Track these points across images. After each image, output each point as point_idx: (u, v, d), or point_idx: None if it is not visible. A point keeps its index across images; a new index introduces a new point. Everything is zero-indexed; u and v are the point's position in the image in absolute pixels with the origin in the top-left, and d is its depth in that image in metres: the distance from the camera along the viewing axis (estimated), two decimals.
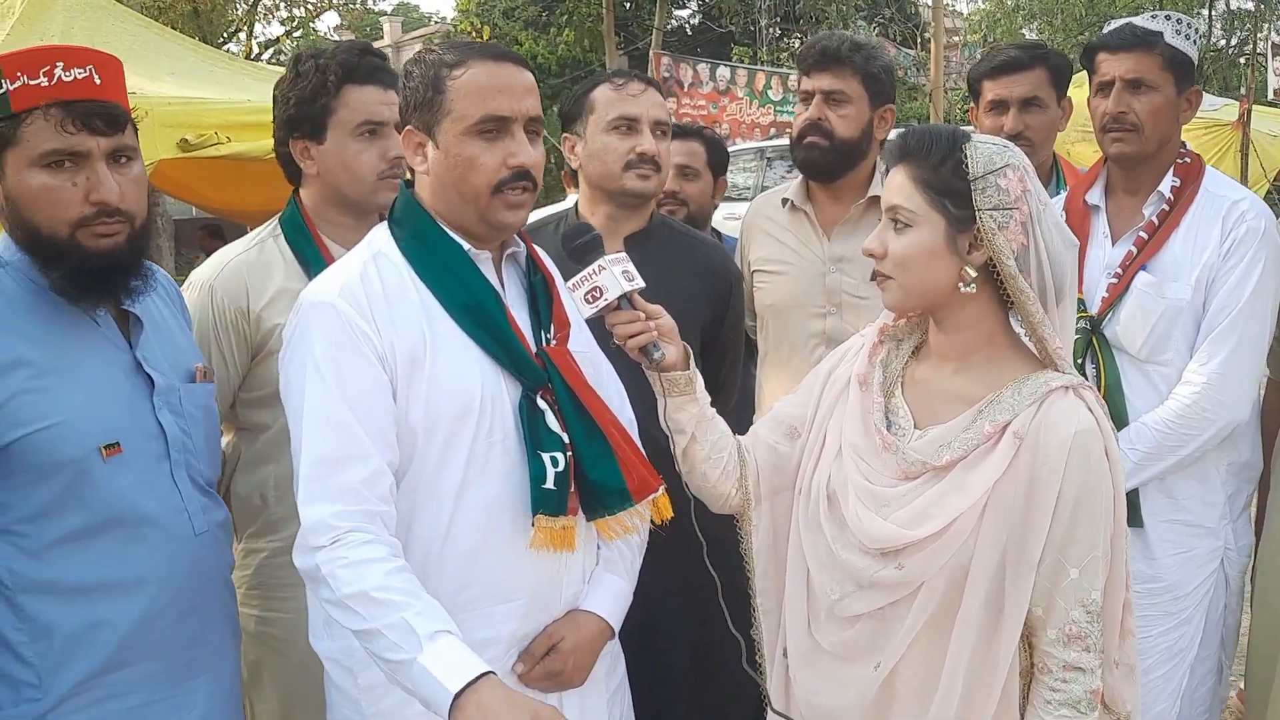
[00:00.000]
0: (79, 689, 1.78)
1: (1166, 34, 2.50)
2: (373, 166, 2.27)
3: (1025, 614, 1.67)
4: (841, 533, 1.78)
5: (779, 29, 24.15)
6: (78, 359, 1.82)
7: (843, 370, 1.91)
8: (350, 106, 2.26)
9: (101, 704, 1.80)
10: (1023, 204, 1.67)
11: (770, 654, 1.97)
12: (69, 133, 1.75)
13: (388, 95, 2.28)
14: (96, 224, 1.79)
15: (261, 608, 2.27)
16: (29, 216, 1.78)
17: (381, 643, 1.59)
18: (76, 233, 1.78)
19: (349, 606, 1.62)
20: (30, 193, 1.76)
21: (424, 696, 1.57)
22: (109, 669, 1.80)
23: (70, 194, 1.77)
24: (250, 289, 2.25)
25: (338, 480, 1.67)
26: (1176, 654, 2.51)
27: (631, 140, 2.44)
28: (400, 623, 1.58)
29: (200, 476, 1.95)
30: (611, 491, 1.81)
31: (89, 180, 1.78)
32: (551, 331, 1.90)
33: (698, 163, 3.26)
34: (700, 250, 2.61)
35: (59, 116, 1.74)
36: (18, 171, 1.76)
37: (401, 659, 1.57)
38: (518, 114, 1.79)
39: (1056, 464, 1.64)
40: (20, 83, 1.73)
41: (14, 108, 1.74)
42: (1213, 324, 2.44)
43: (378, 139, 2.27)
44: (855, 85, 2.68)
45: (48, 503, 1.76)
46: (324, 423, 1.70)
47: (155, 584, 1.83)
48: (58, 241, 1.78)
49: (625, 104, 2.45)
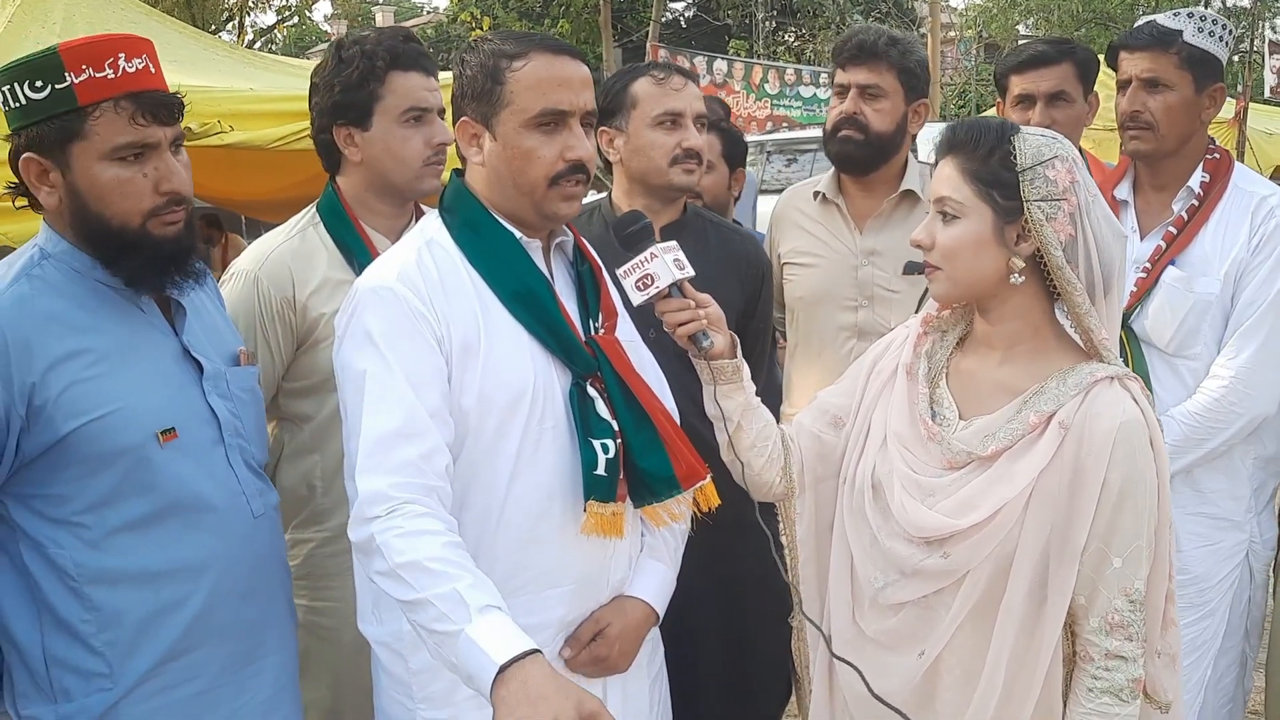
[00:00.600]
0: (149, 676, 1.78)
1: (1187, 32, 2.51)
2: (419, 153, 2.27)
3: (1068, 602, 1.68)
4: (886, 522, 1.79)
5: (775, 22, 24.17)
6: (129, 347, 1.82)
7: (888, 361, 1.92)
8: (397, 93, 2.24)
9: (170, 690, 1.80)
10: (1071, 195, 1.69)
11: (813, 640, 1.99)
12: (140, 125, 1.75)
13: (430, 81, 2.29)
14: (166, 213, 1.80)
15: (310, 597, 2.26)
16: (99, 210, 1.77)
17: (430, 613, 1.56)
18: (148, 223, 1.78)
19: (400, 576, 1.60)
20: (102, 186, 1.75)
21: (468, 670, 1.53)
22: (177, 654, 1.81)
23: (142, 185, 1.77)
24: (295, 278, 2.24)
25: (397, 455, 1.67)
26: (1201, 645, 2.54)
27: (677, 135, 2.45)
28: (451, 593, 1.56)
29: (253, 459, 1.96)
30: (660, 479, 1.82)
31: (158, 170, 1.78)
32: (600, 320, 1.91)
33: (712, 154, 3.22)
34: (734, 241, 2.62)
35: (130, 109, 1.74)
36: (88, 165, 1.75)
37: (449, 630, 1.54)
38: (576, 108, 1.80)
39: (1101, 454, 1.65)
40: (86, 75, 1.72)
41: (80, 100, 1.72)
42: (1241, 319, 2.47)
43: (423, 125, 2.27)
44: (891, 79, 2.69)
45: (107, 491, 1.76)
46: (383, 400, 1.70)
47: (218, 568, 1.84)
48: (129, 233, 1.77)
49: (670, 99, 2.45)
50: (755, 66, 17.07)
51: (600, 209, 2.60)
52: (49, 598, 1.75)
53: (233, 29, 19.32)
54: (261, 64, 6.12)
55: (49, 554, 1.75)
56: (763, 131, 14.60)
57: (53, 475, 1.75)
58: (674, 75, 2.48)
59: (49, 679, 1.76)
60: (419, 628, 1.62)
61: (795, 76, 15.11)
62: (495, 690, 1.49)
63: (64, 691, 1.76)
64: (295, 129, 4.57)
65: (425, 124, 2.27)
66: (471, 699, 1.77)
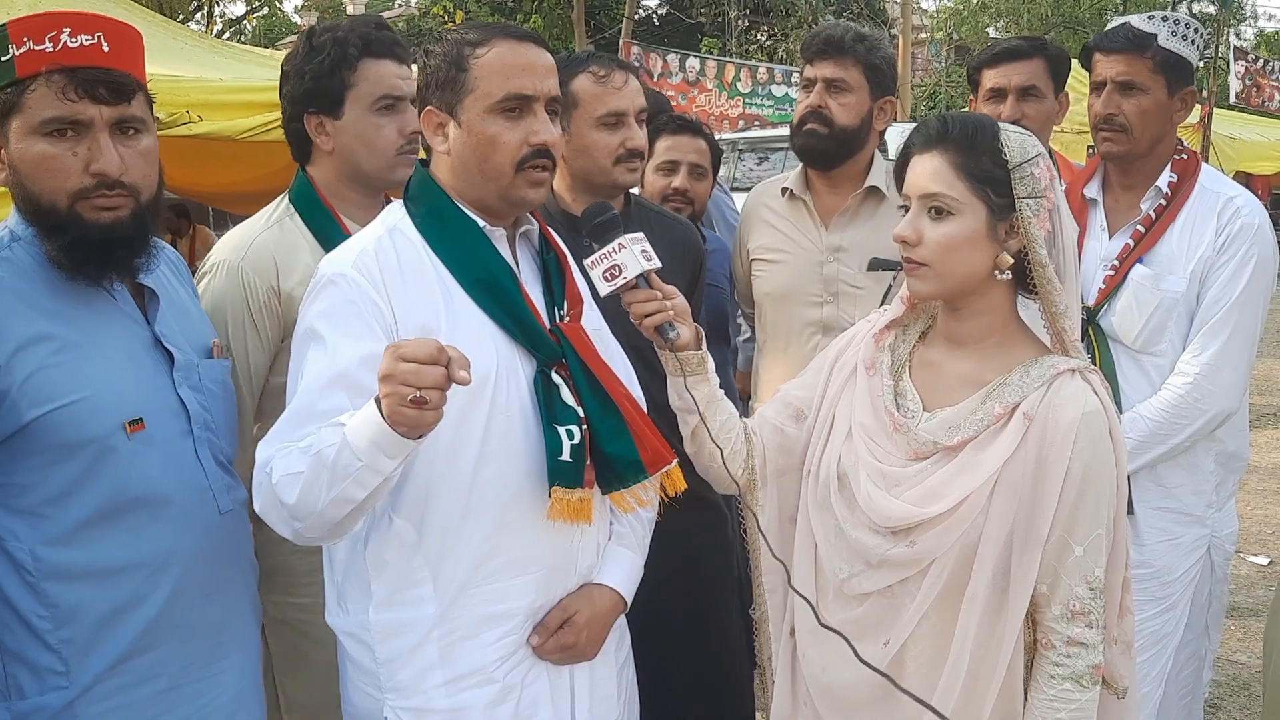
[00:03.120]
0: (107, 674, 1.74)
1: (1161, 36, 2.54)
2: (392, 141, 2.25)
3: (1031, 591, 1.70)
4: (852, 512, 1.80)
5: (748, 21, 24.23)
6: (98, 334, 1.77)
7: (851, 354, 1.94)
8: (370, 80, 2.22)
9: (130, 689, 1.76)
10: (1050, 192, 1.71)
11: (776, 633, 2.00)
12: (71, 100, 1.69)
13: (403, 69, 2.26)
14: (96, 196, 1.72)
15: (287, 593, 2.24)
16: (29, 186, 1.72)
17: (322, 461, 1.57)
18: (76, 204, 1.72)
19: (290, 471, 1.61)
20: (30, 161, 1.71)
21: (367, 440, 1.54)
22: (137, 653, 1.76)
23: (70, 164, 1.71)
24: (280, 267, 2.20)
25: (300, 432, 1.68)
26: (1162, 638, 2.57)
27: (621, 134, 2.43)
28: (323, 433, 1.60)
29: (222, 454, 1.91)
30: (627, 464, 1.82)
31: (90, 150, 1.71)
32: (565, 308, 1.91)
33: (706, 161, 3.20)
34: (675, 229, 2.63)
35: (61, 83, 1.68)
36: (20, 139, 1.71)
37: (338, 448, 1.56)
38: (540, 93, 1.80)
39: (1064, 444, 1.68)
40: (25, 48, 1.68)
41: (18, 73, 1.68)
42: (1206, 317, 2.49)
43: (396, 113, 2.25)
44: (857, 75, 2.70)
45: (70, 482, 1.71)
46: (307, 381, 1.71)
47: (181, 565, 1.79)
48: (57, 212, 1.72)
49: (613, 99, 2.43)
50: (728, 65, 17.08)
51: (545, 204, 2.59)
52: (5, 592, 1.71)
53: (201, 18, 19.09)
54: (231, 54, 6.07)
55: (7, 547, 1.70)
56: (735, 130, 14.62)
57: (14, 464, 1.69)
58: (615, 72, 2.45)
59: (3, 676, 1.72)
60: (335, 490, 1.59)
61: (768, 75, 15.14)
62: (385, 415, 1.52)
63: (18, 689, 1.72)
64: (265, 120, 4.53)
65: (398, 112, 2.25)
66: (441, 686, 1.78)
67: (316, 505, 1.61)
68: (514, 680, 1.83)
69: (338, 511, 1.62)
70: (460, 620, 1.79)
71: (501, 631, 1.82)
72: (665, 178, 2.98)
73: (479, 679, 1.80)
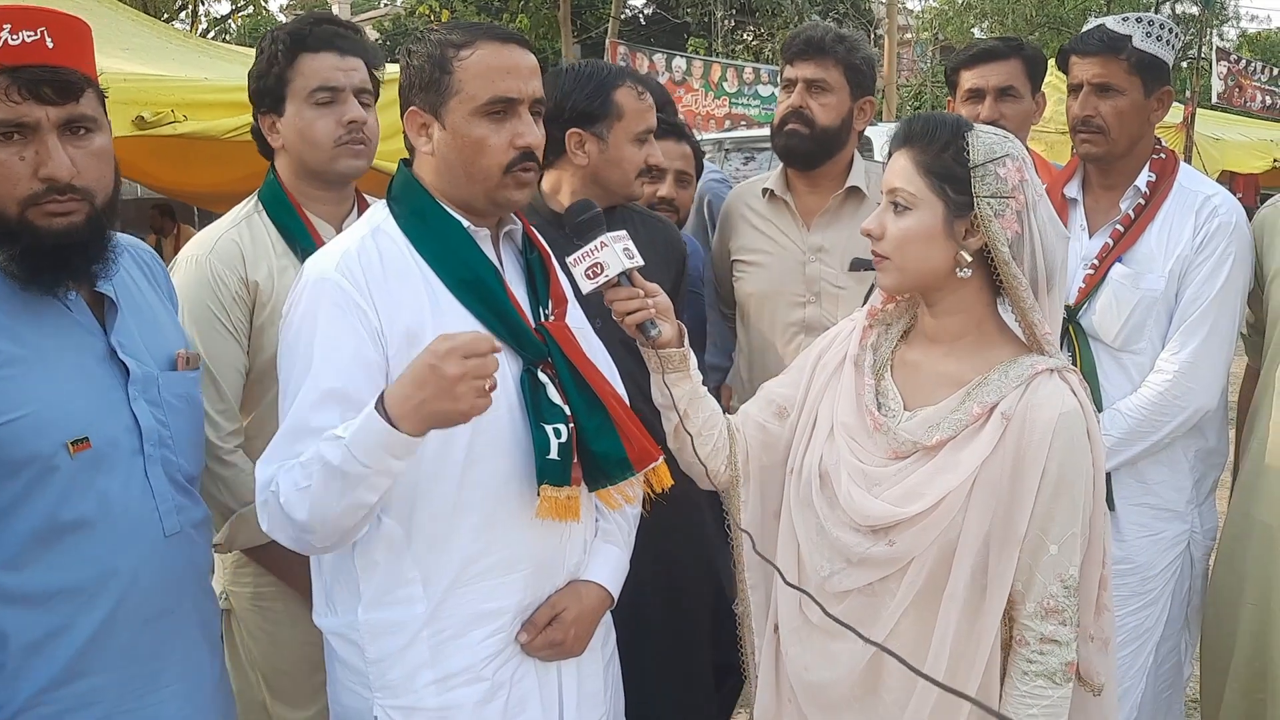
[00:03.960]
0: (36, 700, 1.64)
1: (1136, 37, 2.56)
2: (329, 132, 2.24)
3: (1009, 589, 1.72)
4: (833, 511, 1.82)
5: (734, 21, 24.25)
6: (45, 347, 1.67)
7: (834, 353, 1.95)
8: (305, 74, 2.24)
9: (62, 717, 1.66)
10: (1019, 193, 1.72)
11: (759, 628, 2.01)
12: (14, 102, 1.58)
13: (346, 61, 2.26)
14: (47, 202, 1.62)
15: (256, 581, 2.27)
16: None
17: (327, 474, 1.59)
18: (26, 211, 1.61)
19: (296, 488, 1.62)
20: None
21: (375, 446, 1.57)
22: (68, 679, 1.66)
23: (17, 169, 1.60)
24: (247, 260, 2.23)
25: (297, 449, 1.69)
26: (1143, 633, 2.60)
27: (646, 150, 2.46)
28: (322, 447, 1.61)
29: (179, 472, 1.80)
30: (613, 461, 1.84)
31: (38, 154, 1.61)
32: (549, 307, 1.92)
33: (691, 168, 3.17)
34: (657, 228, 2.64)
35: (3, 84, 1.57)
36: None
37: (341, 458, 1.58)
38: (524, 95, 1.81)
39: (1042, 444, 1.69)
40: None
41: None
42: (1185, 314, 2.52)
43: (334, 105, 2.25)
44: (837, 75, 2.72)
45: (8, 503, 1.61)
46: (302, 395, 1.71)
47: (119, 588, 1.69)
48: (7, 221, 1.61)
49: (649, 116, 2.45)
50: (714, 65, 17.07)
51: (532, 202, 2.59)
52: None
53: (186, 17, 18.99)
54: (216, 53, 6.04)
55: None
56: (721, 129, 14.63)
57: None
58: (647, 91, 2.47)
59: None
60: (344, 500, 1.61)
61: (754, 75, 15.14)
62: (394, 416, 1.56)
63: None
64: (249, 119, 4.51)
65: (338, 103, 2.25)
66: (431, 685, 1.79)
67: (329, 515, 1.63)
68: (503, 678, 1.84)
69: (350, 519, 1.64)
70: (450, 619, 1.80)
71: (491, 629, 1.83)
72: (652, 184, 2.96)
73: (468, 677, 1.81)
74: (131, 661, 1.73)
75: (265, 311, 2.22)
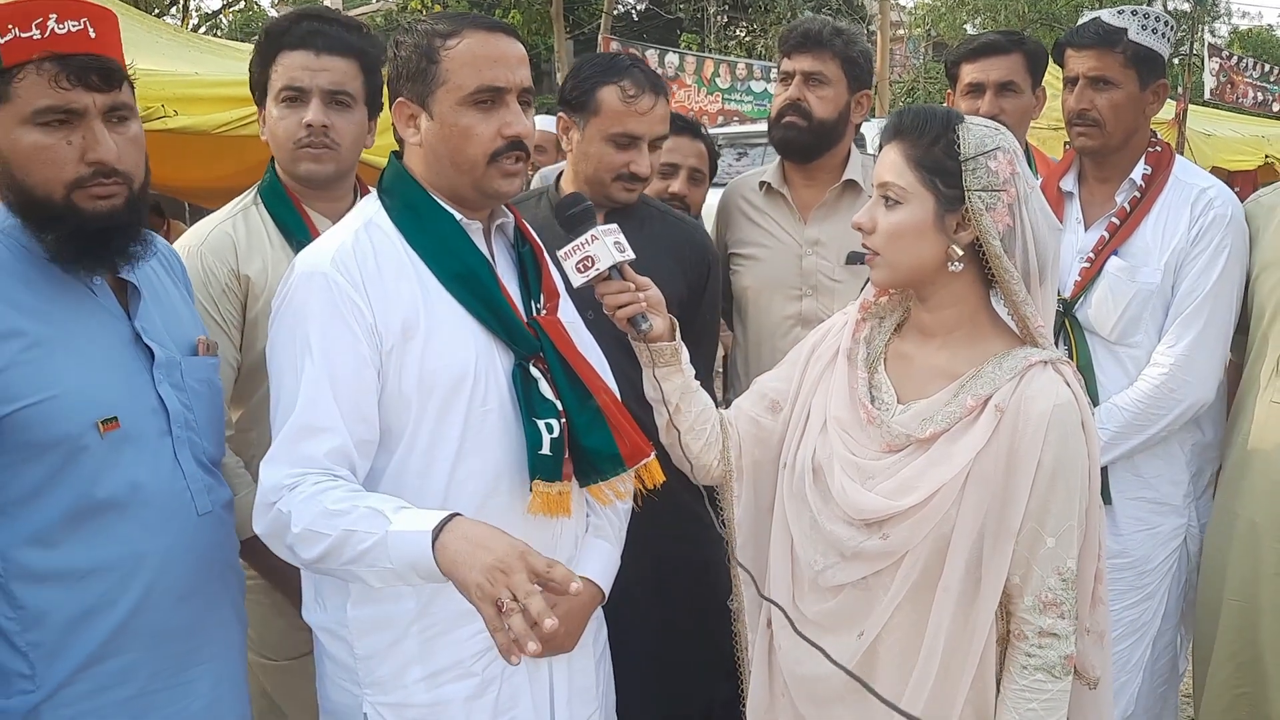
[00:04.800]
0: (73, 678, 1.69)
1: (1131, 30, 2.56)
2: (289, 133, 2.21)
3: (1003, 582, 1.71)
4: (826, 505, 1.81)
5: (727, 17, 24.24)
6: (74, 330, 1.71)
7: (826, 346, 1.94)
8: (278, 73, 2.22)
9: (97, 694, 1.71)
10: (1011, 186, 1.71)
11: (752, 623, 2.00)
12: (63, 89, 1.65)
13: (320, 61, 2.21)
14: (93, 185, 1.68)
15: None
16: (22, 178, 1.67)
17: (352, 542, 1.55)
18: (73, 194, 1.68)
19: (313, 530, 1.59)
20: (23, 152, 1.66)
21: (409, 560, 1.51)
22: (104, 657, 1.71)
23: (65, 153, 1.67)
24: (239, 253, 2.22)
25: (303, 449, 1.68)
26: (1140, 627, 2.60)
27: (627, 156, 2.40)
28: (364, 513, 1.57)
29: (204, 454, 1.85)
30: (605, 457, 1.83)
31: (85, 139, 1.67)
32: (541, 301, 1.91)
33: (705, 165, 3.13)
34: (679, 229, 2.61)
35: (53, 71, 1.64)
36: (9, 130, 1.66)
37: (374, 541, 1.54)
38: (512, 84, 1.79)
39: (1036, 436, 1.68)
40: (11, 35, 1.63)
41: (4, 62, 1.63)
42: (1180, 308, 2.51)
43: (297, 105, 2.21)
44: (835, 68, 2.72)
45: (40, 482, 1.66)
46: (299, 392, 1.70)
47: (153, 567, 1.74)
48: (53, 204, 1.67)
49: (630, 121, 2.38)
50: (707, 60, 17.06)
51: (547, 193, 2.58)
52: None
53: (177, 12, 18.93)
54: (206, 48, 6.04)
55: None
56: (714, 125, 14.62)
57: None
58: (644, 95, 2.39)
59: None
60: (350, 567, 1.58)
61: (746, 71, 15.13)
62: (440, 557, 1.48)
63: None
64: (240, 114, 4.50)
65: (300, 104, 2.21)
66: (420, 681, 1.78)
67: (328, 567, 1.61)
68: (493, 673, 1.83)
69: (347, 579, 1.64)
70: (439, 615, 1.79)
71: (480, 625, 1.80)
72: (663, 180, 2.93)
73: (458, 673, 1.81)
74: (166, 639, 1.77)
75: (258, 305, 2.20)
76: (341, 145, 2.24)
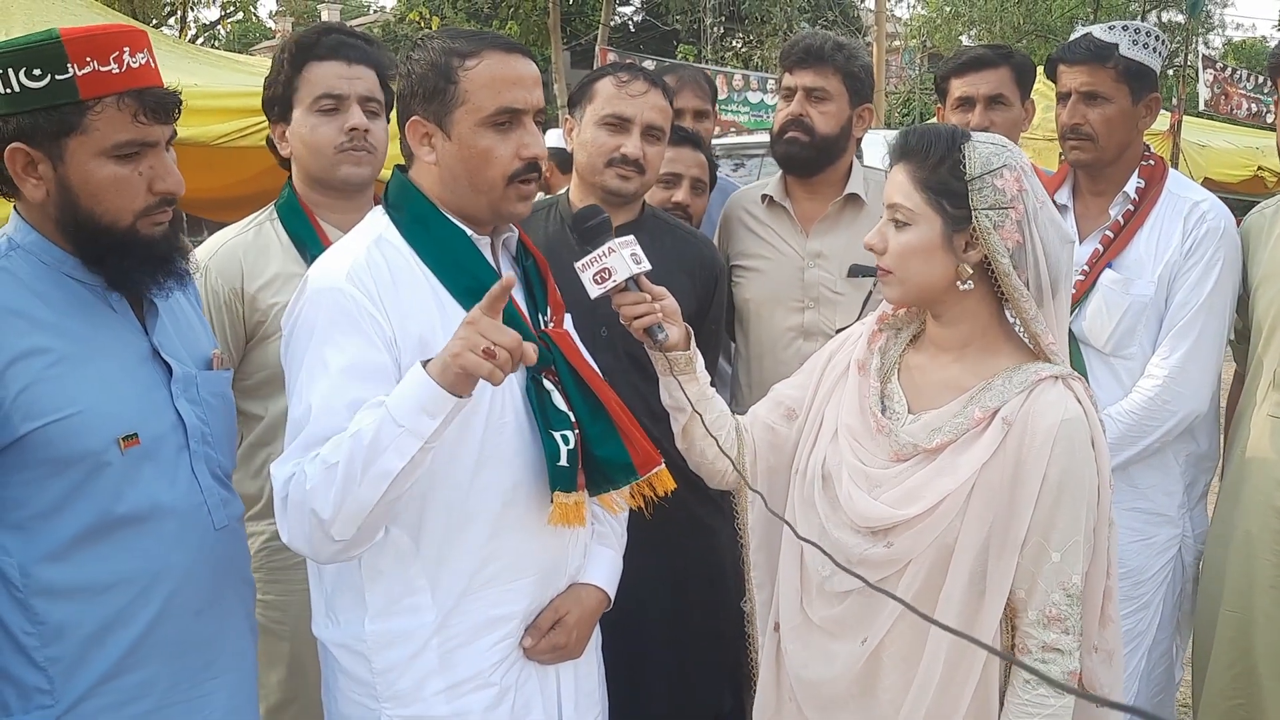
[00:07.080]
0: (92, 692, 1.70)
1: (1122, 45, 2.58)
2: (330, 139, 2.27)
3: (1007, 594, 1.72)
4: (834, 512, 1.83)
5: (723, 28, 24.31)
6: (94, 346, 1.73)
7: (843, 355, 1.97)
8: (311, 83, 2.28)
9: (116, 709, 1.72)
10: (1019, 203, 1.72)
11: (762, 626, 2.03)
12: (142, 123, 1.69)
13: (353, 70, 2.30)
14: (157, 213, 1.74)
15: (260, 591, 2.24)
16: (90, 207, 1.69)
17: (360, 441, 1.59)
18: (138, 222, 1.72)
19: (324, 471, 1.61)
20: (97, 183, 1.68)
21: (413, 405, 1.58)
22: (123, 671, 1.72)
23: (137, 184, 1.71)
24: (246, 270, 2.25)
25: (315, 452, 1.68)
26: (1136, 637, 2.62)
27: (619, 139, 2.45)
28: (357, 422, 1.62)
29: (219, 468, 1.87)
30: (618, 466, 1.85)
31: (153, 169, 1.72)
32: (549, 314, 1.93)
33: (706, 176, 3.15)
34: (690, 244, 2.63)
35: (134, 107, 1.67)
36: (84, 161, 1.67)
37: (379, 420, 1.59)
38: (530, 105, 1.81)
39: (1042, 450, 1.70)
40: (90, 68, 1.64)
41: (83, 94, 1.64)
42: (1174, 320, 2.54)
43: (337, 112, 2.28)
44: (836, 83, 2.74)
45: (62, 497, 1.67)
46: (318, 404, 1.70)
47: (172, 581, 1.76)
48: (118, 231, 1.70)
49: (620, 102, 2.45)
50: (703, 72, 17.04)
51: (557, 205, 2.61)
52: None
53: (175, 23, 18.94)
54: (205, 59, 6.03)
55: None
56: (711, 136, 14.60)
57: (6, 478, 1.65)
58: (636, 80, 2.47)
59: None
60: (372, 470, 1.59)
61: (743, 82, 15.15)
62: (436, 378, 1.58)
63: (4, 706, 1.68)
64: (239, 125, 4.51)
65: (340, 111, 2.28)
66: (441, 693, 1.79)
67: (352, 492, 1.60)
68: (509, 682, 1.85)
69: (373, 493, 1.60)
70: (459, 626, 1.80)
71: (499, 635, 1.83)
72: (666, 190, 2.96)
73: (477, 683, 1.82)
74: (184, 652, 1.78)
75: (270, 320, 2.23)
76: (378, 150, 2.32)
